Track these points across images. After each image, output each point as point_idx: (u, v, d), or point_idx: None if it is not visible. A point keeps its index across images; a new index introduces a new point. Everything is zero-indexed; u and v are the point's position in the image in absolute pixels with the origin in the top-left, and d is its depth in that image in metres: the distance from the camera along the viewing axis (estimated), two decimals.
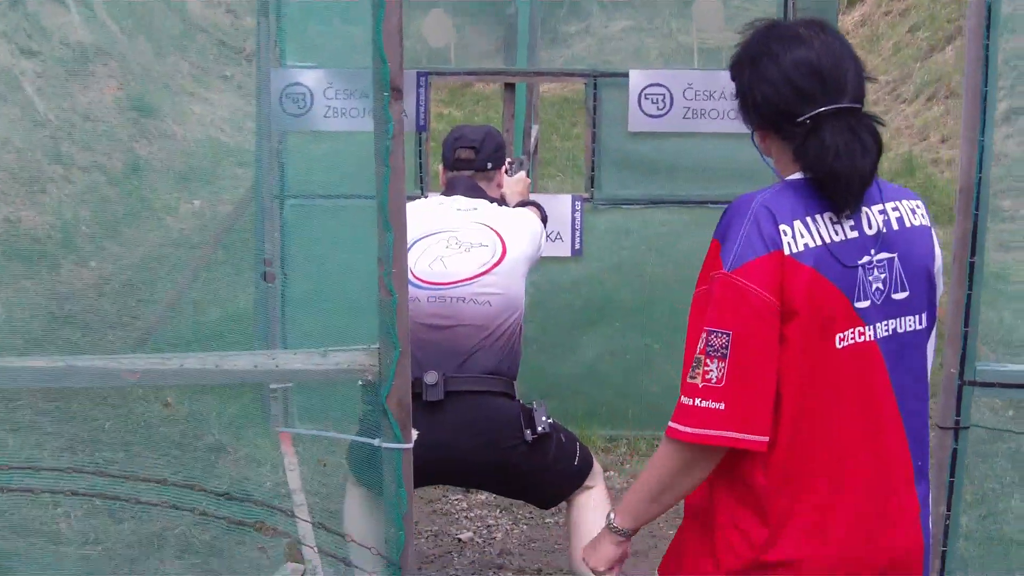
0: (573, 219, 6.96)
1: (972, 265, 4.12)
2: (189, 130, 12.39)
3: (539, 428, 4.75)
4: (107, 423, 6.54)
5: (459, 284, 4.87)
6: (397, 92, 3.47)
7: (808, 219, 2.96)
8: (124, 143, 11.30)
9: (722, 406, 2.90)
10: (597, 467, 5.10)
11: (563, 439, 4.93)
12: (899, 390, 3.04)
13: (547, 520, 6.56)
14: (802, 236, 2.94)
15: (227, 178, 10.45)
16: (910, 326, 3.06)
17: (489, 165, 5.33)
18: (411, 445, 3.58)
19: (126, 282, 8.55)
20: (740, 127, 6.83)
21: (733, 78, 3.18)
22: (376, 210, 3.51)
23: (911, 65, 17.13)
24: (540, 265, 7.22)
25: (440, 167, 5.40)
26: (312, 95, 6.81)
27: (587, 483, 5.00)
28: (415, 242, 4.90)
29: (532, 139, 9.82)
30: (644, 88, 6.97)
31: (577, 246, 6.99)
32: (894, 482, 3.06)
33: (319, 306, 6.38)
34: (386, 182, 3.48)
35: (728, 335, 2.90)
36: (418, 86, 7.00)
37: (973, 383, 4.17)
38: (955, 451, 4.19)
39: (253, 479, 6.16)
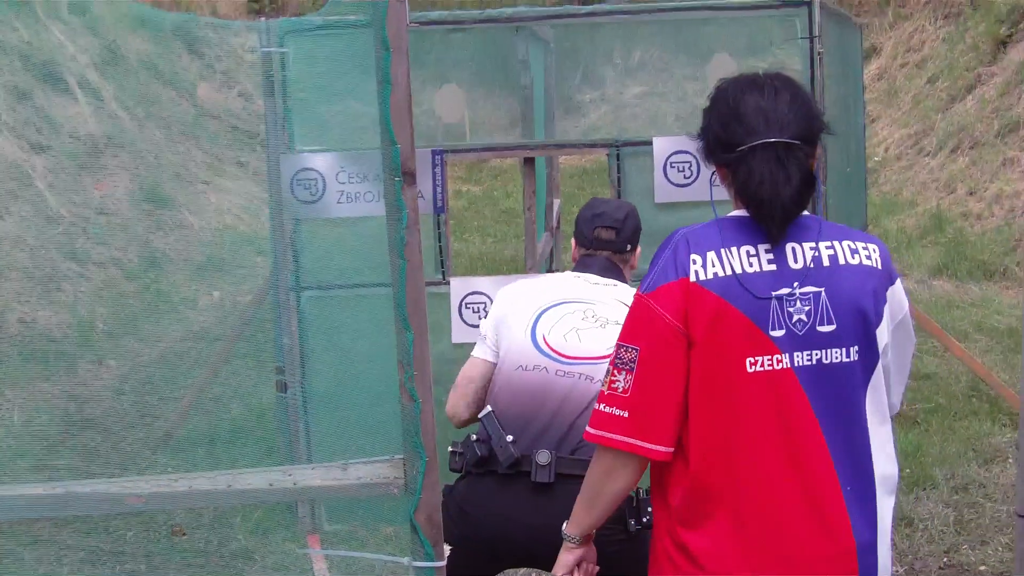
0: None
1: None
2: (205, 220, 12.27)
3: (643, 519, 4.43)
4: (129, 533, 6.33)
5: (589, 361, 4.53)
6: (410, 176, 3.22)
7: (723, 251, 3.20)
8: (140, 236, 11.16)
9: (626, 414, 3.23)
10: None
11: None
12: (823, 417, 3.18)
13: None
14: (712, 266, 3.18)
15: (246, 267, 10.28)
16: (836, 357, 3.19)
17: (628, 247, 5.00)
18: (444, 563, 3.29)
19: (145, 380, 8.35)
20: None
21: (701, 126, 3.40)
22: (393, 307, 3.23)
23: (932, 117, 16.91)
24: None
25: (573, 241, 5.08)
26: (324, 180, 6.59)
27: None
28: (550, 307, 4.64)
29: (554, 213, 9.60)
30: (669, 156, 6.70)
31: None
32: (819, 501, 3.19)
33: (342, 400, 6.20)
34: (402, 276, 3.21)
35: (636, 350, 3.23)
36: (433, 165, 6.73)
37: None
38: None
39: None
